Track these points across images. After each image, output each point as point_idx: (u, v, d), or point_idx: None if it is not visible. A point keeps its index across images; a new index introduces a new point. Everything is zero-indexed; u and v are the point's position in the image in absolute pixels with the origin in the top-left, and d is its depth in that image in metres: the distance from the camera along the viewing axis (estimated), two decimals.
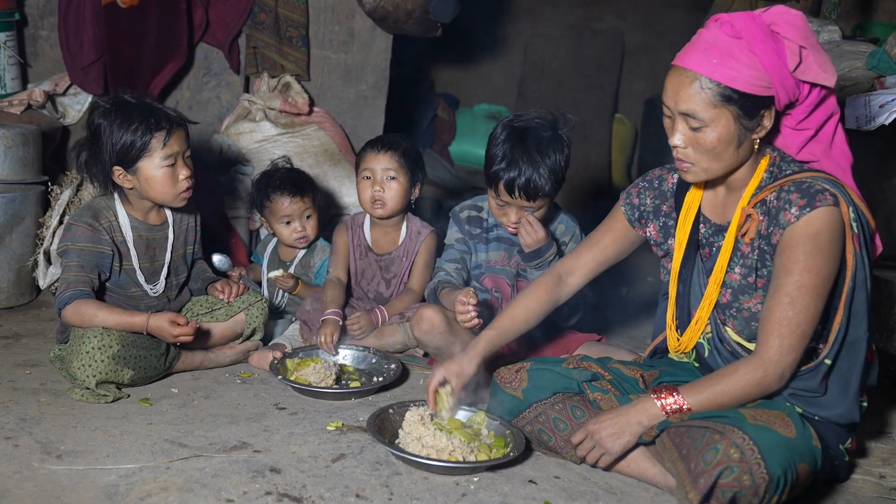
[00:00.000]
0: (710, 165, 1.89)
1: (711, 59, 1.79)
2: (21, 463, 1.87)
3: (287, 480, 1.88)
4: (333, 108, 3.98)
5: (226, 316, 2.64)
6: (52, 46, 3.66)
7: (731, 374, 1.85)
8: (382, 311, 2.87)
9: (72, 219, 2.48)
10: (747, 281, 1.94)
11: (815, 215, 1.79)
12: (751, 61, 1.77)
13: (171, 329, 2.34)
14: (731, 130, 1.83)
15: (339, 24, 3.98)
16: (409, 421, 2.08)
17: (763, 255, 1.91)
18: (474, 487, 1.93)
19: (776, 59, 1.78)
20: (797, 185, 1.84)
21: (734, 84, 1.78)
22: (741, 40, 1.78)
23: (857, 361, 1.90)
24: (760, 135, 1.86)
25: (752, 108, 1.81)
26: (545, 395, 2.10)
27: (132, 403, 2.29)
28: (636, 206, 2.19)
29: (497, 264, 2.73)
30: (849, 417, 1.92)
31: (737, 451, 1.70)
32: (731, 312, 1.98)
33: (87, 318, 2.33)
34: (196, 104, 3.87)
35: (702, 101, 1.80)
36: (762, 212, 1.90)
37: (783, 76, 1.79)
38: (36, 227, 3.18)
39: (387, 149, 2.88)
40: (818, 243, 1.79)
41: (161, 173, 2.43)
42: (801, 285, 1.79)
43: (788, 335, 1.80)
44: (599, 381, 2.08)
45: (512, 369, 2.18)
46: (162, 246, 2.60)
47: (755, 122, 1.83)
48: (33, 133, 3.16)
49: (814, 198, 1.80)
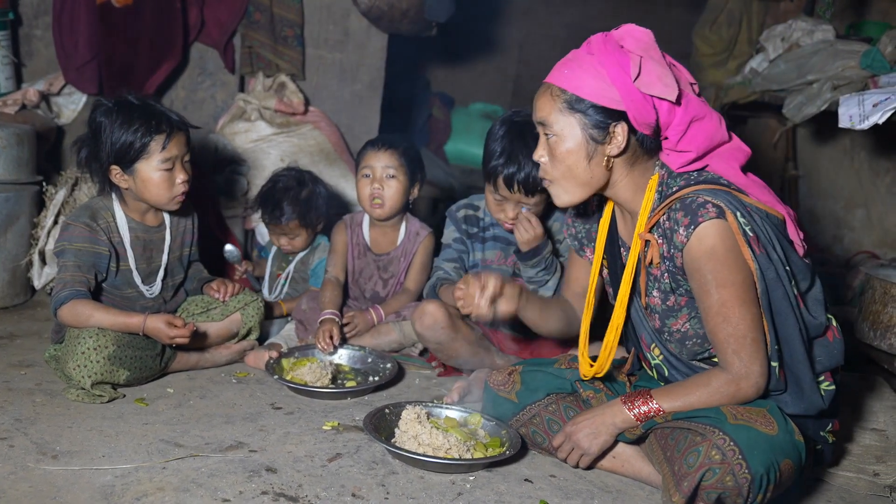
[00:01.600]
0: (567, 182, 1.91)
1: (563, 71, 1.87)
2: (16, 463, 1.87)
3: (283, 480, 1.88)
4: (329, 107, 3.98)
5: (221, 315, 2.63)
6: (46, 46, 3.66)
7: (705, 387, 1.85)
8: (378, 310, 2.87)
9: (69, 218, 2.48)
10: (667, 305, 1.95)
11: (703, 231, 1.78)
12: (598, 73, 1.82)
13: (167, 330, 2.33)
14: (579, 140, 1.86)
15: (335, 24, 3.98)
16: (406, 419, 2.08)
17: (674, 276, 1.90)
18: (470, 486, 1.93)
19: (621, 71, 1.81)
20: (682, 203, 1.83)
21: (579, 92, 1.83)
22: (593, 55, 1.84)
23: (797, 356, 1.87)
24: (613, 152, 1.86)
25: (601, 120, 1.83)
26: (539, 397, 2.11)
27: (128, 403, 2.29)
28: (573, 234, 2.23)
29: (493, 263, 2.73)
30: (814, 408, 1.90)
31: (718, 452, 1.71)
32: (665, 336, 1.99)
33: (84, 319, 2.32)
34: (191, 104, 3.86)
35: (552, 109, 1.87)
36: (659, 234, 1.90)
37: (629, 90, 1.80)
38: (31, 228, 3.17)
39: (387, 147, 2.89)
40: (717, 258, 1.78)
41: (158, 176, 2.43)
42: (724, 301, 1.79)
43: (741, 349, 1.80)
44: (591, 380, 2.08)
45: (504, 372, 2.19)
46: (159, 247, 2.60)
47: (604, 134, 1.85)
48: (28, 133, 3.16)
49: (696, 213, 1.78)
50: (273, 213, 3.10)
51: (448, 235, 2.78)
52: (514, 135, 2.50)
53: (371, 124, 4.08)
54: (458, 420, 2.21)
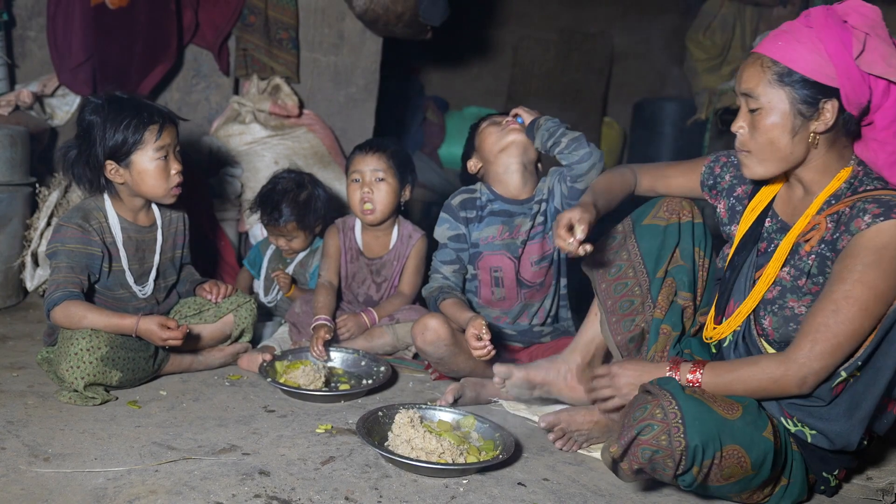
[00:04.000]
0: (765, 156, 1.87)
1: (778, 42, 1.82)
2: (8, 466, 1.86)
3: (276, 483, 1.88)
4: (323, 110, 3.98)
5: (214, 317, 2.63)
6: (40, 47, 3.65)
7: (753, 365, 1.83)
8: (371, 313, 2.87)
9: (62, 220, 2.47)
10: (797, 283, 1.89)
11: (887, 226, 1.72)
12: (815, 47, 1.78)
13: (160, 332, 2.33)
14: (786, 115, 1.82)
15: (329, 27, 3.99)
16: (399, 423, 2.08)
17: (823, 261, 1.84)
18: (463, 490, 1.93)
19: (841, 47, 1.76)
20: (877, 199, 1.78)
21: (793, 65, 1.79)
22: (811, 29, 1.80)
23: (874, 388, 1.81)
24: (820, 129, 1.82)
25: (810, 95, 1.79)
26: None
27: (120, 406, 2.28)
28: (715, 175, 2.19)
29: (496, 239, 2.68)
30: (845, 440, 1.84)
31: (661, 412, 1.71)
32: (773, 308, 1.93)
33: (77, 320, 2.32)
34: (185, 106, 3.86)
35: (761, 81, 1.83)
36: (832, 220, 1.85)
37: (848, 67, 1.76)
38: (23, 229, 3.16)
39: (374, 150, 2.89)
40: (881, 256, 1.72)
41: (154, 166, 2.44)
42: (850, 296, 1.73)
43: (822, 341, 1.75)
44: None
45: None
46: (151, 248, 2.59)
47: (813, 110, 1.81)
48: (21, 134, 3.15)
49: (891, 209, 1.73)
50: (271, 215, 3.13)
51: (443, 233, 2.72)
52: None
53: (365, 127, 4.08)
54: (452, 423, 2.21)
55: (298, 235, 3.17)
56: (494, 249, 2.69)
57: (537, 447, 2.22)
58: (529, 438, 2.27)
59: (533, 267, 2.69)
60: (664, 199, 2.22)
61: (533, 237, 2.69)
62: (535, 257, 2.69)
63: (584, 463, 2.15)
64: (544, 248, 2.69)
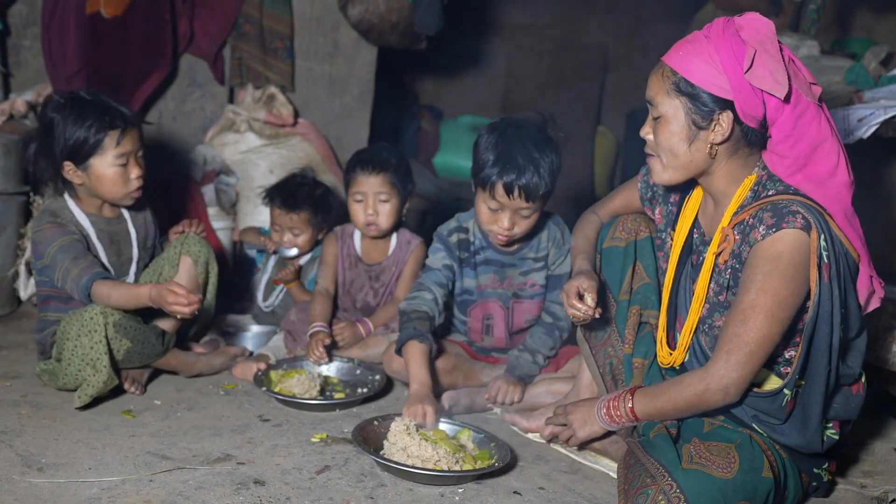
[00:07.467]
0: (668, 163, 1.91)
1: (679, 52, 1.86)
2: (1, 476, 1.85)
3: (271, 492, 1.87)
4: (318, 119, 3.99)
5: (171, 267, 2.56)
6: (34, 56, 3.65)
7: (678, 384, 1.88)
8: (367, 323, 2.87)
9: (33, 228, 2.45)
10: (719, 299, 1.94)
11: (780, 236, 1.76)
12: (711, 59, 1.80)
13: (167, 296, 2.26)
14: (682, 124, 1.86)
15: (324, 36, 4.00)
16: (394, 431, 2.07)
17: (735, 274, 1.89)
18: (459, 499, 1.93)
19: (734, 61, 1.79)
20: (773, 206, 1.82)
21: (689, 76, 1.82)
22: (709, 40, 1.83)
23: (815, 396, 1.85)
24: (717, 140, 1.85)
25: (704, 105, 1.82)
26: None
27: (114, 415, 2.27)
28: (651, 186, 2.20)
29: (488, 288, 2.62)
30: (810, 448, 1.89)
31: (664, 498, 1.70)
32: (704, 328, 1.98)
33: (104, 299, 2.33)
34: (180, 115, 3.86)
35: (660, 90, 1.87)
36: (739, 231, 1.89)
37: (740, 80, 1.79)
38: (17, 238, 3.15)
39: (377, 171, 2.83)
40: (778, 265, 1.76)
41: (112, 171, 2.43)
42: (755, 305, 1.77)
43: (736, 351, 1.79)
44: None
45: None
46: (125, 239, 2.58)
47: (708, 122, 1.84)
48: (15, 143, 3.14)
49: (783, 218, 1.77)
50: (287, 201, 3.15)
51: (437, 260, 2.60)
52: (508, 140, 2.38)
53: (360, 136, 4.09)
54: (448, 432, 2.21)
55: (306, 231, 3.17)
56: (487, 298, 2.62)
57: (533, 456, 2.22)
58: (525, 447, 2.27)
59: (525, 323, 2.64)
60: (620, 219, 2.25)
61: (533, 297, 2.61)
62: (529, 316, 2.63)
63: (580, 472, 2.15)
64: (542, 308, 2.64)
